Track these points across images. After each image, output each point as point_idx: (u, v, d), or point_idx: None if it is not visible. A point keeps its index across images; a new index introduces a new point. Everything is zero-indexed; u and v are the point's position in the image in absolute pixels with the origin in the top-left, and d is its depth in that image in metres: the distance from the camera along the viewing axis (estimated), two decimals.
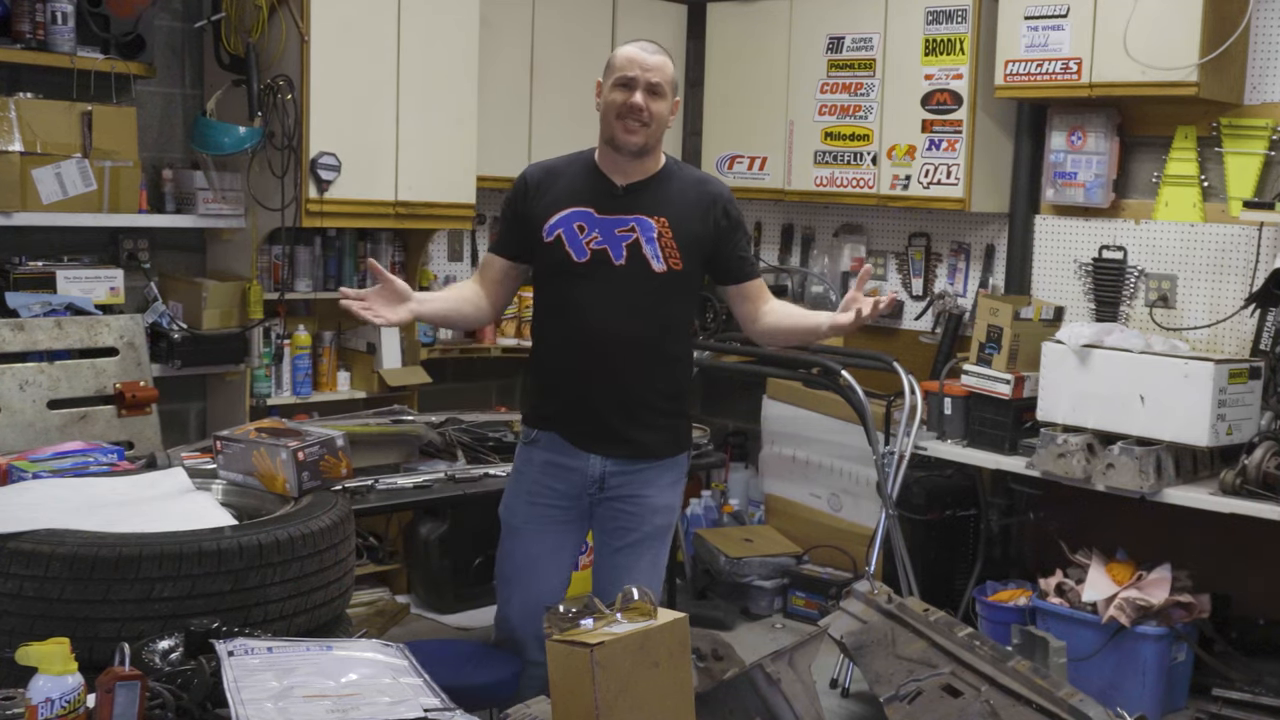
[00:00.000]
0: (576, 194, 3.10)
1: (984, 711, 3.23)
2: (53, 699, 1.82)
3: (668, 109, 3.08)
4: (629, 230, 3.06)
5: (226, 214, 4.53)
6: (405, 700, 1.99)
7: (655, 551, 3.22)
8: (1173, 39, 4.30)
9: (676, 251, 3.07)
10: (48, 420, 3.73)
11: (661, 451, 3.16)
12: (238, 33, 4.47)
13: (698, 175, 3.27)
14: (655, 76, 3.06)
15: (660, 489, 3.18)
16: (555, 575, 3.23)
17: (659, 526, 3.20)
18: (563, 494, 3.17)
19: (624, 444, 3.11)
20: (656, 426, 3.14)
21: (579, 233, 3.07)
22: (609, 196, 3.09)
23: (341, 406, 4.80)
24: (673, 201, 3.10)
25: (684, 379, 3.24)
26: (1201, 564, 4.36)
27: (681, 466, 3.25)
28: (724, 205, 3.15)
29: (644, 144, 3.07)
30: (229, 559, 2.50)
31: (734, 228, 3.17)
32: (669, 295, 3.10)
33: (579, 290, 3.09)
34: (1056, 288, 5.01)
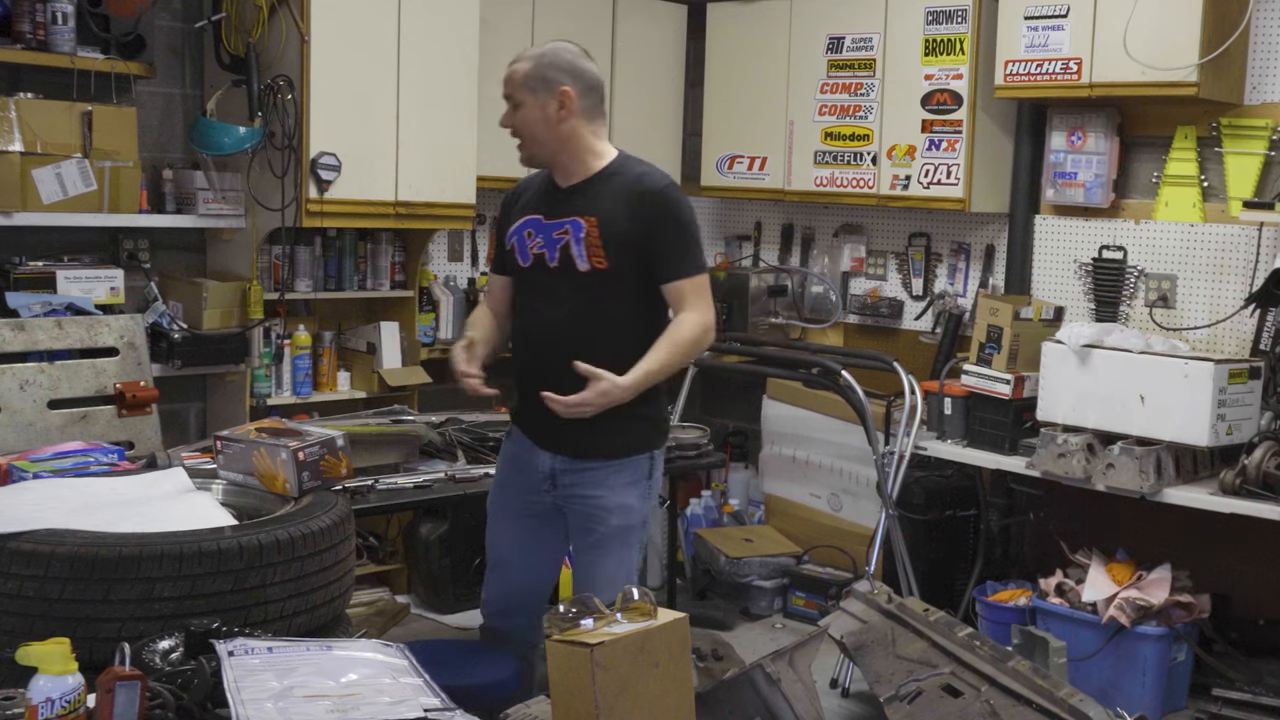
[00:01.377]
0: (532, 202, 3.18)
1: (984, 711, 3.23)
2: (53, 699, 1.82)
3: (533, 110, 3.05)
4: (563, 232, 3.08)
5: (227, 214, 4.53)
6: (405, 700, 2.00)
7: (619, 555, 3.16)
8: (1173, 39, 4.31)
9: (601, 250, 3.03)
10: (48, 420, 3.73)
11: (611, 452, 3.12)
12: (238, 33, 4.47)
13: (639, 171, 3.13)
14: (506, 88, 3.10)
15: (614, 489, 3.12)
16: (526, 566, 3.30)
17: (615, 528, 3.14)
18: (524, 488, 3.24)
19: (569, 443, 3.12)
20: (604, 427, 3.04)
21: (527, 239, 3.14)
22: (553, 200, 3.13)
23: (341, 406, 4.80)
24: (605, 200, 3.06)
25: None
26: (1201, 564, 4.36)
27: (639, 467, 3.15)
28: (653, 197, 3.04)
29: (532, 155, 3.12)
30: (229, 559, 2.50)
31: (662, 220, 3.04)
32: (598, 295, 3.06)
33: (525, 293, 3.20)
34: (1056, 288, 5.01)
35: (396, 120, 4.69)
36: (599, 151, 3.13)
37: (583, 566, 3.22)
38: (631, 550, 3.20)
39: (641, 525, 3.21)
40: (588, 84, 3.10)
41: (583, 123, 3.09)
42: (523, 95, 3.07)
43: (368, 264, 5.03)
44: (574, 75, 3.08)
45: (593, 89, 3.12)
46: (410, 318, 5.08)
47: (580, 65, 3.11)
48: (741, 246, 6.12)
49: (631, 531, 3.17)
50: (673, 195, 3.08)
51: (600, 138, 3.15)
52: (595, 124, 3.13)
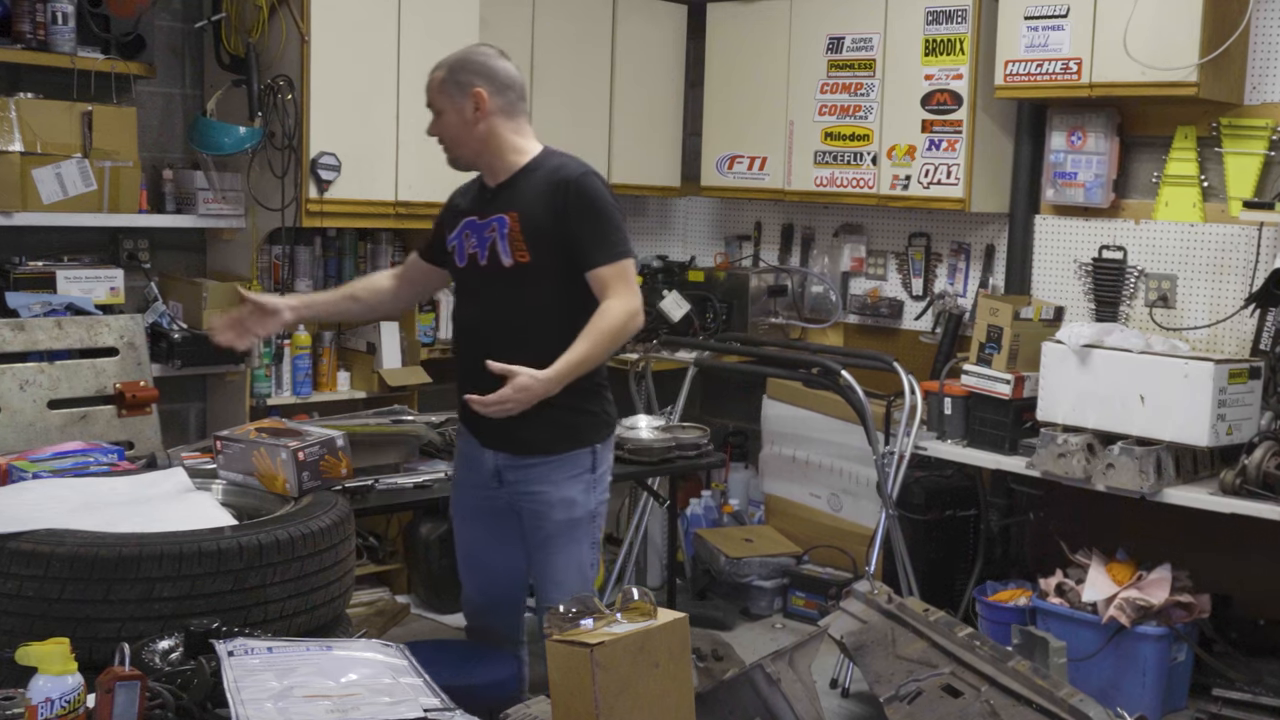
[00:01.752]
0: (469, 204, 3.24)
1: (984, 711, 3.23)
2: (53, 699, 1.82)
3: (453, 116, 3.12)
4: (491, 230, 3.12)
5: (227, 214, 4.53)
6: (405, 700, 1.99)
7: (567, 550, 3.17)
8: (1173, 39, 4.30)
9: (523, 244, 3.06)
10: (48, 420, 3.73)
11: (551, 447, 3.13)
12: (238, 33, 4.47)
13: (558, 162, 3.15)
14: (427, 98, 3.18)
15: (557, 484, 3.14)
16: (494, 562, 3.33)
17: (560, 523, 3.16)
18: (477, 484, 3.28)
19: (509, 440, 3.15)
20: (540, 422, 3.06)
21: (464, 240, 3.19)
22: (484, 200, 3.18)
23: (341, 406, 4.80)
24: (526, 194, 3.10)
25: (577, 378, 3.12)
26: (1201, 564, 4.36)
27: (581, 461, 3.16)
28: (568, 185, 3.05)
29: (456, 158, 3.18)
30: (229, 559, 2.50)
31: (579, 208, 3.05)
32: (524, 289, 3.09)
33: (461, 294, 3.28)
34: (1056, 288, 5.01)
35: (396, 120, 4.69)
36: (521, 148, 3.16)
37: (536, 564, 3.25)
38: (580, 545, 3.20)
39: (590, 519, 3.21)
40: (501, 83, 3.15)
41: (501, 121, 3.14)
42: (441, 102, 3.14)
43: (368, 264, 5.03)
44: (486, 76, 3.13)
45: (508, 87, 3.16)
46: (410, 318, 5.07)
47: (493, 65, 3.16)
48: (741, 246, 6.12)
49: (577, 525, 3.18)
50: (588, 183, 3.09)
51: (522, 135, 3.19)
52: (515, 121, 3.17)
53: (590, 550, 3.23)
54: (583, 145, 5.63)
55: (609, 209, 3.09)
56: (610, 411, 3.27)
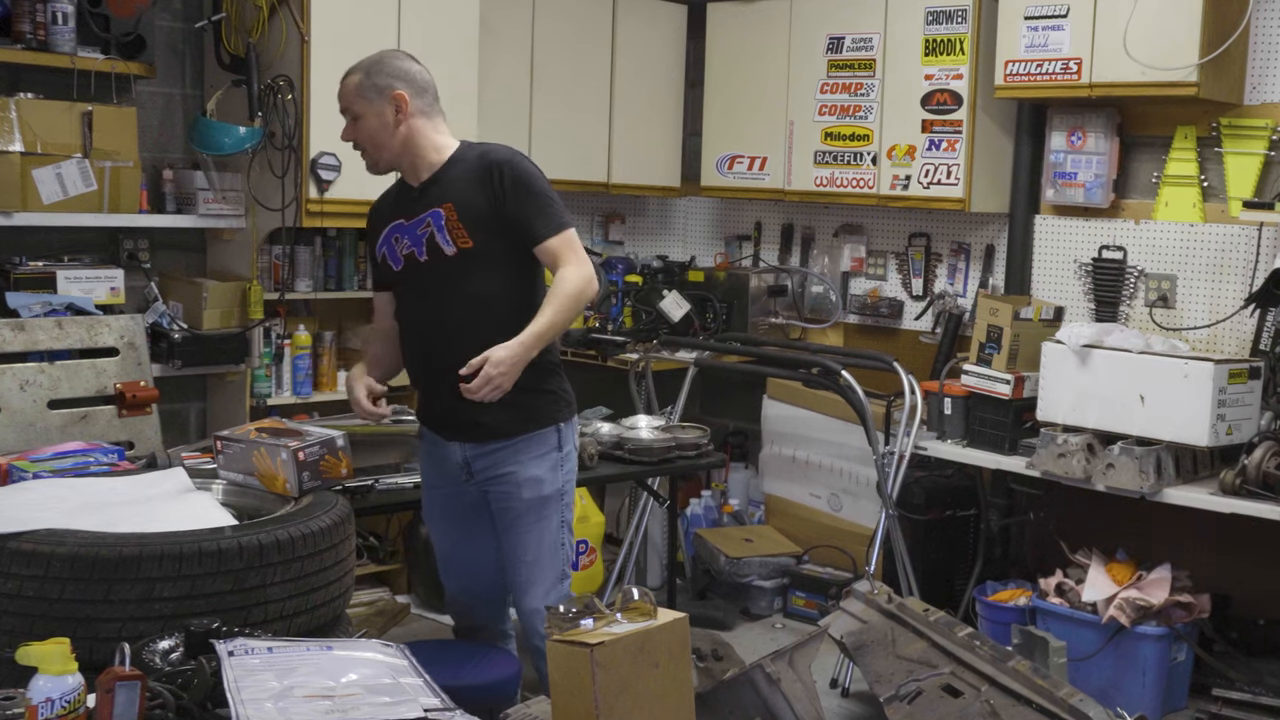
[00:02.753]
0: (393, 209, 3.27)
1: (984, 711, 3.23)
2: (53, 699, 1.82)
3: (373, 118, 3.15)
4: (425, 226, 3.15)
5: (227, 214, 4.53)
6: (405, 700, 1.99)
7: (537, 529, 3.20)
8: (1173, 39, 4.31)
9: (464, 231, 3.10)
10: (48, 420, 3.73)
11: (513, 430, 3.17)
12: (238, 33, 4.47)
13: (481, 150, 3.22)
14: (343, 103, 3.20)
15: (523, 464, 3.18)
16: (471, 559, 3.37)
17: (529, 501, 3.19)
18: (445, 482, 3.31)
19: (472, 428, 3.18)
20: (503, 406, 3.09)
21: (395, 244, 3.22)
22: (409, 201, 3.21)
23: (341, 406, 4.77)
24: (455, 184, 3.14)
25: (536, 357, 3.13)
26: (1201, 564, 4.36)
27: (546, 440, 3.20)
28: (500, 169, 3.11)
29: (375, 161, 3.21)
30: (229, 559, 2.50)
31: (514, 188, 3.09)
32: (468, 275, 3.13)
33: (403, 295, 3.27)
34: (1056, 288, 5.01)
35: None
36: (440, 145, 3.21)
37: (506, 546, 3.27)
38: (548, 522, 3.22)
39: (558, 497, 3.24)
40: (419, 85, 3.19)
41: (421, 121, 3.19)
42: (359, 107, 3.17)
43: (367, 264, 5.03)
44: (404, 79, 3.18)
45: (425, 89, 3.21)
46: None
47: (408, 68, 3.21)
48: (741, 246, 6.12)
49: (547, 503, 3.21)
50: (519, 162, 3.15)
51: (440, 132, 3.23)
52: (433, 121, 3.22)
53: (560, 529, 3.25)
54: (583, 145, 5.66)
55: (543, 185, 3.14)
56: (568, 390, 3.30)
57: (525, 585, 3.24)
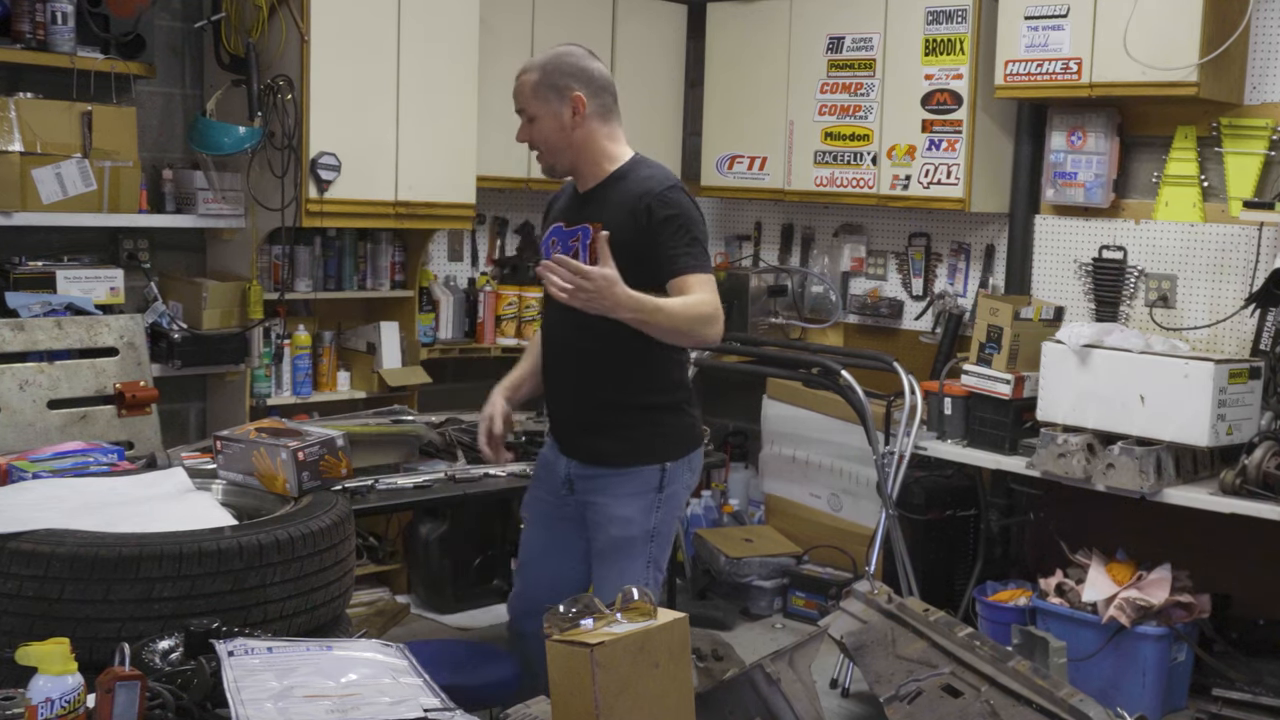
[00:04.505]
0: (560, 210, 3.19)
1: (984, 711, 3.23)
2: (53, 699, 1.82)
3: (550, 120, 3.01)
4: (576, 239, 3.07)
5: (226, 214, 4.53)
6: (405, 700, 1.99)
7: (620, 565, 3.10)
8: (1173, 39, 4.31)
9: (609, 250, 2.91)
10: (48, 420, 3.73)
11: (618, 460, 3.09)
12: (238, 33, 4.47)
13: (645, 174, 3.08)
14: (518, 103, 3.07)
15: (618, 498, 3.09)
16: (548, 569, 3.28)
17: (615, 538, 3.10)
18: (550, 490, 3.26)
19: (581, 449, 3.14)
20: (612, 435, 3.07)
21: (552, 247, 3.13)
22: (574, 207, 3.13)
23: (341, 406, 4.80)
24: (610, 204, 3.03)
25: (642, 385, 3.09)
26: (1201, 564, 4.36)
27: (648, 479, 3.09)
28: (649, 202, 2.97)
29: (552, 165, 3.09)
30: (229, 559, 2.50)
31: (659, 225, 2.95)
32: None
33: (546, 302, 3.17)
34: (1056, 288, 5.01)
35: (396, 120, 4.69)
36: (613, 155, 3.09)
37: (595, 576, 3.19)
38: (633, 562, 3.11)
39: (647, 539, 3.12)
40: (598, 85, 3.06)
41: (597, 125, 3.06)
42: (535, 107, 3.03)
43: (368, 264, 5.03)
44: (583, 79, 3.04)
45: (603, 89, 3.07)
46: (410, 318, 5.08)
47: (588, 66, 3.07)
48: (741, 246, 6.12)
49: (632, 544, 3.11)
50: (674, 197, 3.01)
51: (615, 140, 3.11)
52: (610, 125, 3.09)
53: (646, 569, 3.14)
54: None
55: (695, 222, 3.01)
56: (689, 426, 3.18)
57: None
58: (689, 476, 3.20)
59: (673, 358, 3.14)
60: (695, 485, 3.29)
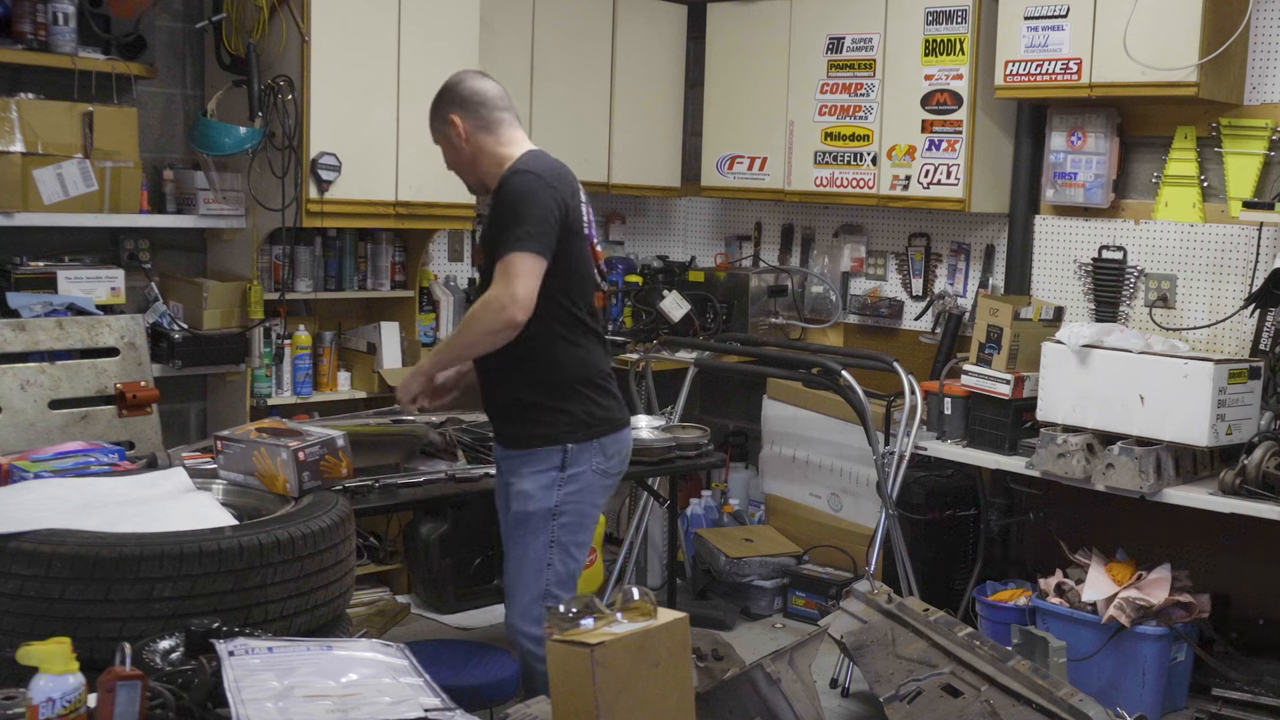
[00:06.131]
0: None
1: (984, 711, 3.23)
2: (54, 699, 1.82)
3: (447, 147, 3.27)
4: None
5: (227, 214, 4.54)
6: (405, 700, 1.99)
7: (522, 541, 3.23)
8: (1173, 39, 4.31)
9: (480, 250, 3.24)
10: (49, 420, 3.73)
11: (523, 443, 3.25)
12: (238, 33, 4.47)
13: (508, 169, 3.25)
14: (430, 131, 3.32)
15: (522, 477, 3.23)
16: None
17: (517, 513, 3.24)
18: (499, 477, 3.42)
19: (500, 434, 3.35)
20: (514, 420, 3.26)
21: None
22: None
23: (342, 406, 4.80)
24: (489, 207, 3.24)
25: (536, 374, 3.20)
26: (1201, 564, 4.36)
27: (549, 458, 3.21)
28: (498, 191, 3.18)
29: (470, 184, 3.33)
30: (229, 559, 2.50)
31: (498, 208, 3.15)
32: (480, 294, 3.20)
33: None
34: (1056, 288, 5.02)
35: (396, 120, 4.69)
36: (503, 158, 3.24)
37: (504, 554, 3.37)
38: (534, 539, 3.23)
39: (548, 515, 3.22)
40: (473, 103, 3.23)
41: (483, 137, 3.24)
42: (437, 139, 3.31)
43: (368, 264, 5.03)
44: (457, 102, 3.25)
45: (480, 104, 3.23)
46: (410, 318, 5.08)
47: (460, 87, 3.25)
48: (741, 246, 6.12)
49: (531, 519, 3.22)
50: (510, 180, 3.14)
51: (506, 143, 3.25)
52: (495, 134, 3.25)
53: (548, 549, 3.23)
54: (583, 145, 5.66)
55: (519, 202, 3.08)
56: (591, 412, 3.25)
57: (509, 595, 3.29)
58: (600, 460, 3.27)
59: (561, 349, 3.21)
60: (618, 469, 3.35)
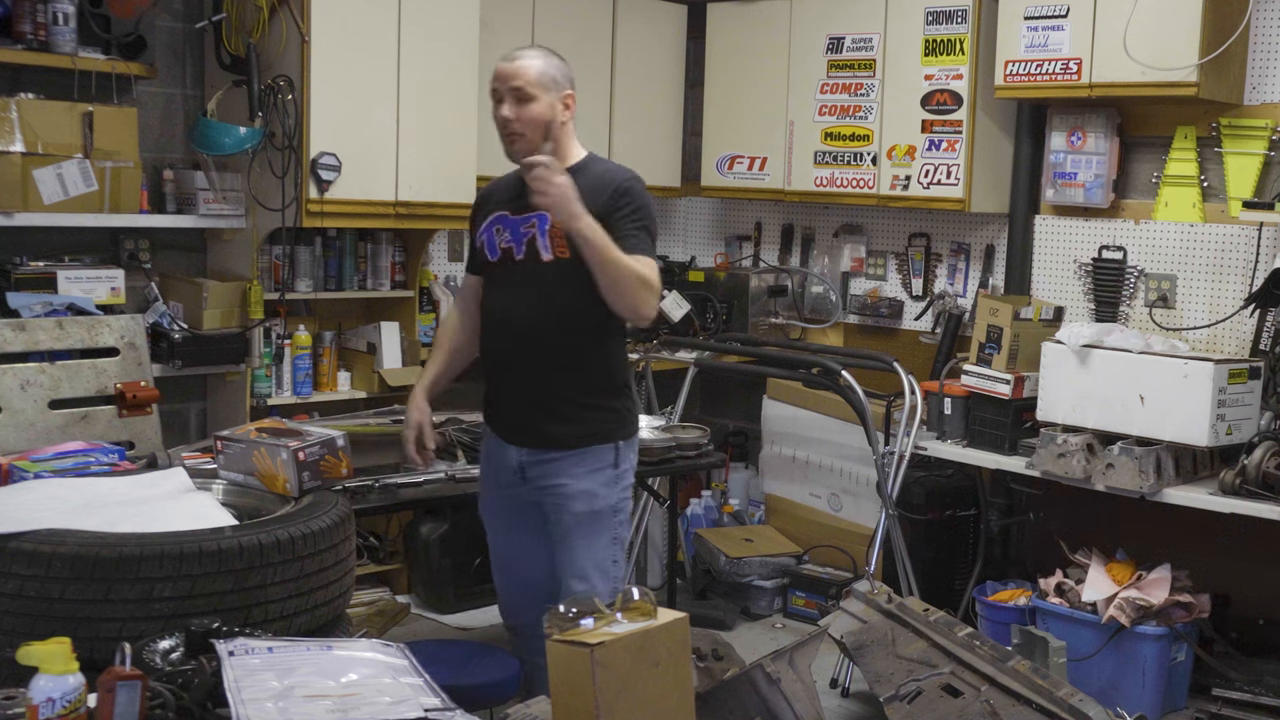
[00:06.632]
0: (501, 200, 3.26)
1: (984, 711, 3.24)
2: (54, 699, 1.82)
3: (543, 108, 3.11)
4: (530, 225, 3.15)
5: (227, 214, 4.54)
6: (405, 700, 2.00)
7: (588, 543, 3.17)
8: (1173, 39, 4.31)
9: (564, 240, 3.07)
10: (49, 420, 3.73)
11: (573, 442, 3.16)
12: (238, 33, 4.47)
13: (606, 167, 3.25)
14: (516, 81, 3.12)
15: (576, 478, 3.15)
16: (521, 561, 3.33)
17: (579, 514, 3.16)
18: (501, 484, 3.30)
19: (533, 435, 3.19)
20: (566, 418, 3.15)
21: (496, 235, 3.22)
22: (521, 197, 3.15)
23: (342, 406, 4.80)
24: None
25: (599, 370, 3.19)
26: (1201, 564, 4.36)
27: (604, 456, 3.18)
28: (614, 190, 3.10)
29: (523, 150, 3.10)
30: (229, 559, 2.50)
31: (623, 213, 3.08)
32: (560, 285, 3.11)
33: (492, 287, 3.27)
34: (1056, 288, 5.02)
35: (396, 120, 4.69)
36: (571, 153, 3.22)
37: (559, 561, 3.23)
38: (600, 537, 3.19)
39: (612, 512, 3.21)
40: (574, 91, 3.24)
41: (571, 125, 3.23)
42: (536, 92, 3.12)
43: (368, 264, 5.03)
44: (571, 81, 3.22)
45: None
46: (410, 318, 5.08)
47: (571, 72, 3.25)
48: (741, 246, 6.12)
49: (598, 518, 3.18)
50: (636, 189, 3.15)
51: (574, 139, 3.26)
52: (570, 126, 3.25)
53: (611, 545, 3.22)
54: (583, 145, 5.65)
55: (649, 216, 3.14)
56: (633, 410, 3.29)
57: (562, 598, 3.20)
58: (634, 458, 3.30)
59: (620, 344, 3.26)
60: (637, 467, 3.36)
